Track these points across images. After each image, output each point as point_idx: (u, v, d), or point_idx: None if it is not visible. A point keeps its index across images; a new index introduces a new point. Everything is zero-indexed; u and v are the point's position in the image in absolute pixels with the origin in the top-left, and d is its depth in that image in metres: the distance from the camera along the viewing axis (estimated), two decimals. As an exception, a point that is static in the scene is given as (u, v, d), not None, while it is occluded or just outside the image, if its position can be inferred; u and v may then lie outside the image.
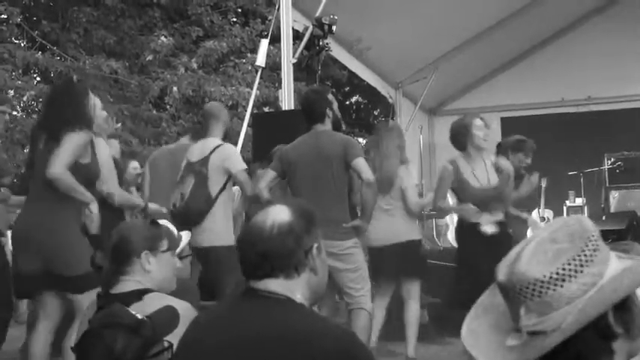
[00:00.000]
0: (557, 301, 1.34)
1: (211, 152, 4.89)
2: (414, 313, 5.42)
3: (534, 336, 1.36)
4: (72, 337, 3.51)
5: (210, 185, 4.84)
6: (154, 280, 2.60)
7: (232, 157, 4.90)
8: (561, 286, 1.34)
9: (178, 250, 2.85)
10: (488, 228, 5.02)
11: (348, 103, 16.73)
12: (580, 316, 1.33)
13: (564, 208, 9.02)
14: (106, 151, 4.19)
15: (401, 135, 5.66)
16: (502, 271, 1.41)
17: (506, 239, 5.01)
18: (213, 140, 4.98)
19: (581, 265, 1.35)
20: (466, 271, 4.99)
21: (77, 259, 3.72)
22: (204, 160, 4.88)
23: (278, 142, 5.17)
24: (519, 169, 5.92)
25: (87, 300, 3.29)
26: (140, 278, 2.56)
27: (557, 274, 1.34)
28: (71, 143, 3.82)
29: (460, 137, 5.20)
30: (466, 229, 5.17)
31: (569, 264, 1.35)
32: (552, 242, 1.38)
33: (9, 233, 4.98)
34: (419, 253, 5.56)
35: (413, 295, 5.45)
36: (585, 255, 1.36)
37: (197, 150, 5.00)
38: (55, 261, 3.76)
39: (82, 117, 3.92)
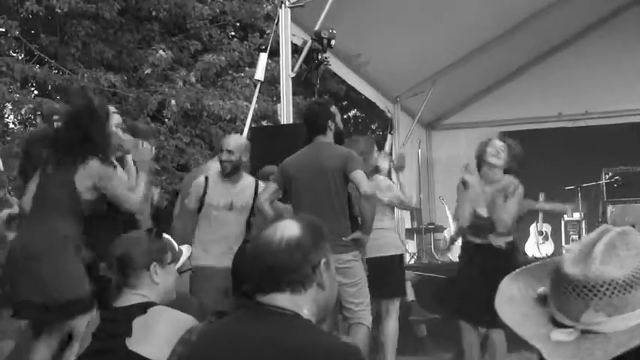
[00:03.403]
0: (624, 305, 1.36)
1: None
2: (392, 328, 5.34)
3: (589, 335, 1.38)
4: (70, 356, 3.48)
5: None
6: (159, 292, 2.60)
7: None
8: (629, 292, 1.37)
9: (179, 264, 2.86)
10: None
11: (346, 117, 16.72)
12: None
13: (562, 223, 9.01)
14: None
15: (367, 145, 5.58)
16: (573, 266, 1.41)
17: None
18: None
19: None
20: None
21: (70, 283, 3.67)
22: None
23: (276, 156, 5.18)
24: None
25: (83, 323, 3.26)
26: (145, 291, 2.56)
27: (630, 278, 1.37)
28: (114, 177, 3.88)
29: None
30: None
31: (638, 271, 1.37)
32: (613, 247, 1.40)
33: None
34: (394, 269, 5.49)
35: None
36: None
37: None
38: (47, 285, 3.65)
39: (103, 143, 3.92)
